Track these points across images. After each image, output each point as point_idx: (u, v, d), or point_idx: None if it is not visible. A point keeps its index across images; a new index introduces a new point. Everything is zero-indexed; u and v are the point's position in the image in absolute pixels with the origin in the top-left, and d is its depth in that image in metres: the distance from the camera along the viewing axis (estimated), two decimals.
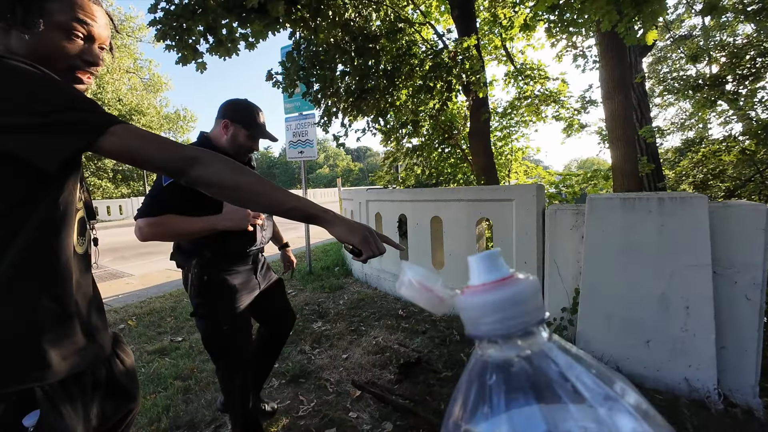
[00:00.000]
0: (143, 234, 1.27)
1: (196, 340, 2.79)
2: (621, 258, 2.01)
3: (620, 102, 4.28)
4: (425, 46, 4.79)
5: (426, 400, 1.87)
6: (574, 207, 2.35)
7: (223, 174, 0.68)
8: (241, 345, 1.48)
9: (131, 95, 22.43)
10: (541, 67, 6.08)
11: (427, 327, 2.80)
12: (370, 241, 0.77)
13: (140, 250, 7.75)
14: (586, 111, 6.75)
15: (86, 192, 0.77)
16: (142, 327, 3.14)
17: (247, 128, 1.43)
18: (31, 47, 0.63)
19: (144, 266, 6.08)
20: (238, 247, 1.45)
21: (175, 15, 2.62)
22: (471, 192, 3.00)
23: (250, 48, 3.17)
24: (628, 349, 2.00)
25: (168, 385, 2.15)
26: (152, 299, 3.98)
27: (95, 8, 0.69)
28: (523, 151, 6.62)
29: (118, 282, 5.00)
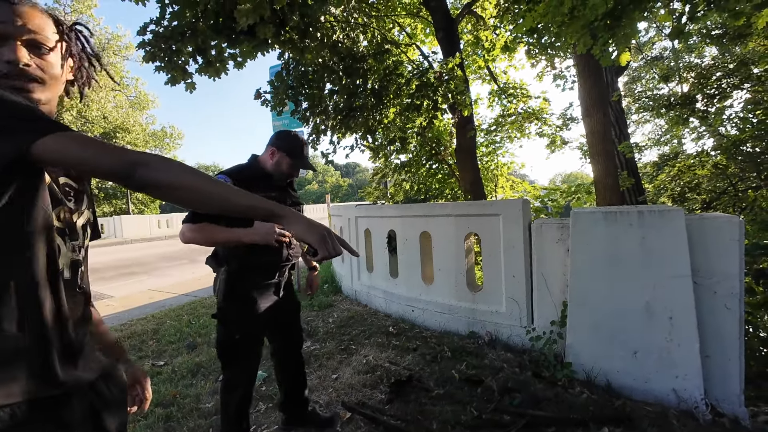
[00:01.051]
0: (184, 237, 1.45)
1: (178, 364, 2.68)
2: (606, 270, 2.06)
3: (599, 119, 4.46)
4: (411, 66, 4.94)
5: (418, 420, 1.84)
6: (559, 221, 2.41)
7: (169, 176, 0.64)
8: (249, 356, 1.54)
9: (116, 113, 22.21)
10: (523, 86, 6.32)
11: (418, 344, 2.77)
12: (327, 241, 0.78)
13: (122, 271, 7.51)
14: (567, 128, 7.02)
15: (69, 213, 0.74)
16: None
17: (291, 158, 1.59)
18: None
19: (126, 287, 5.88)
20: (263, 261, 1.54)
21: (164, 37, 2.65)
22: (459, 207, 3.04)
23: (239, 67, 3.22)
24: (616, 361, 2.01)
25: (148, 413, 2.05)
26: (133, 322, 3.84)
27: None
28: (508, 166, 6.78)
29: (99, 304, 4.80)
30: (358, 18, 4.31)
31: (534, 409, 1.84)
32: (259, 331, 1.57)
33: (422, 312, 3.21)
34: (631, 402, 1.89)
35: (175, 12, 2.62)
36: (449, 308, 3.01)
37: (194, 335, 3.24)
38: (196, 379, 2.45)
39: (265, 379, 2.38)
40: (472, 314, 2.87)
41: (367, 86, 4.20)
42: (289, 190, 1.70)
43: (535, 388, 2.03)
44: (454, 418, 1.83)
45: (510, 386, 2.06)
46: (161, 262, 8.23)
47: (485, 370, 2.29)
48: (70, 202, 0.73)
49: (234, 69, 3.24)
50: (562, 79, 7.13)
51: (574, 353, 2.14)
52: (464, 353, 2.53)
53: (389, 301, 3.56)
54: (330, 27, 3.49)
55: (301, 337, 1.84)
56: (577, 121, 7.21)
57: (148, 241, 14.50)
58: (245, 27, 2.52)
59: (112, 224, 16.19)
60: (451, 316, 2.99)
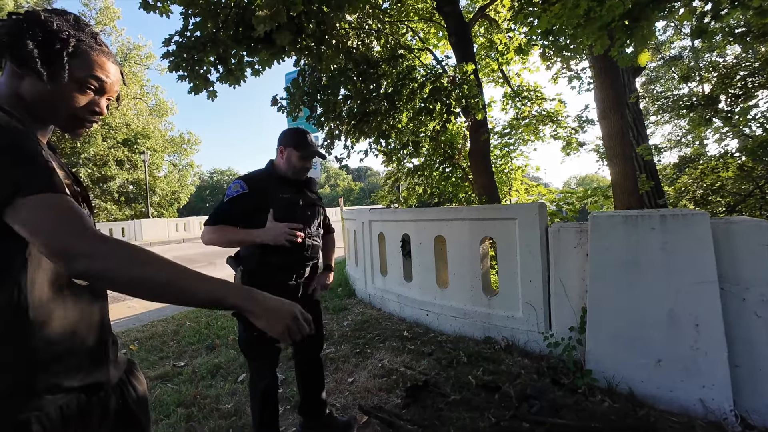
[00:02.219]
0: (205, 239, 1.54)
1: (198, 364, 2.74)
2: (626, 275, 2.01)
3: (616, 121, 4.38)
4: (425, 71, 4.96)
5: (435, 425, 1.83)
6: (577, 225, 2.37)
7: (116, 270, 0.60)
8: (267, 352, 1.59)
9: (138, 120, 22.98)
10: (537, 88, 6.26)
11: (433, 348, 2.76)
12: (292, 330, 0.77)
13: None
14: (583, 130, 6.90)
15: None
16: (144, 352, 3.10)
17: (297, 149, 1.62)
18: (45, 95, 0.69)
19: None
20: (279, 262, 1.58)
21: (187, 47, 2.75)
22: (474, 211, 3.03)
23: (256, 75, 3.30)
24: (639, 369, 1.96)
25: (171, 413, 2.10)
26: (154, 323, 3.94)
27: (111, 66, 0.76)
28: (522, 170, 6.71)
29: (121, 305, 4.95)
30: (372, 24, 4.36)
31: (553, 417, 1.81)
32: None
33: (437, 316, 3.19)
34: (654, 412, 1.84)
35: (197, 23, 2.72)
36: (464, 313, 2.99)
37: (213, 337, 3.31)
38: (215, 380, 2.50)
39: (282, 381, 2.41)
40: (487, 319, 2.84)
41: (380, 91, 4.24)
42: (305, 191, 1.72)
43: (554, 396, 2.00)
44: (472, 424, 1.81)
45: (528, 393, 2.03)
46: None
47: (502, 376, 2.26)
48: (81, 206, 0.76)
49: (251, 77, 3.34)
50: (578, 80, 7.03)
51: (594, 360, 2.10)
52: (480, 358, 2.51)
53: (403, 305, 3.56)
54: (345, 33, 3.55)
55: (320, 339, 1.86)
56: (593, 124, 7.08)
57: (166, 243, 14.88)
58: (262, 34, 2.59)
59: (133, 228, 16.68)
60: (467, 320, 2.97)
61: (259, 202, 1.54)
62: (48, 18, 0.67)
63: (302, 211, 1.64)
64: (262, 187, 1.57)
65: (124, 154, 21.50)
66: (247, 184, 1.54)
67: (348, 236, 5.33)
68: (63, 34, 0.68)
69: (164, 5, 2.87)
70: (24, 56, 0.65)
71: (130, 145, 22.06)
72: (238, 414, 2.03)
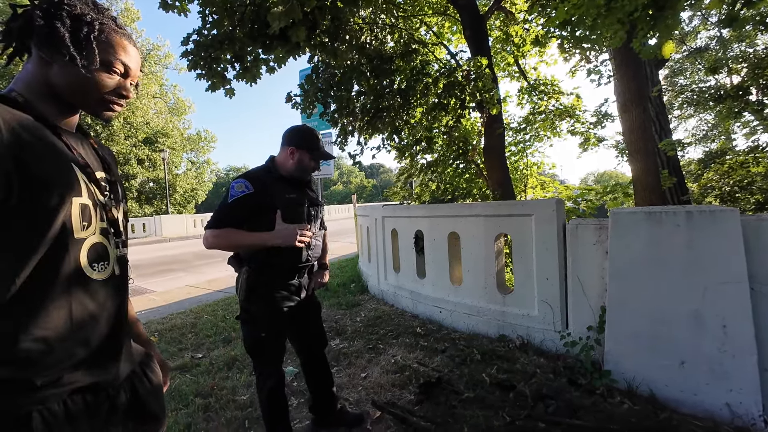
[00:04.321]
0: (208, 243, 1.48)
1: (215, 356, 2.81)
2: (649, 274, 1.95)
3: (638, 115, 4.23)
4: (438, 65, 4.90)
5: (448, 423, 1.82)
6: (597, 221, 2.30)
7: None
8: (274, 352, 1.59)
9: (157, 119, 23.61)
10: (554, 82, 6.10)
11: (446, 345, 2.74)
12: None
13: (162, 268, 7.96)
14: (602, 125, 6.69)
15: (110, 211, 0.76)
16: (164, 343, 3.20)
17: (311, 152, 1.62)
18: (75, 80, 0.69)
19: (166, 283, 6.22)
20: (283, 262, 1.56)
21: (205, 46, 2.79)
22: (489, 207, 2.98)
23: (271, 72, 3.33)
24: (661, 371, 1.90)
25: (189, 402, 2.16)
26: (174, 315, 4.06)
27: (132, 50, 0.77)
28: (538, 166, 6.56)
29: (142, 298, 5.12)
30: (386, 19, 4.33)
31: (570, 418, 1.77)
32: (281, 329, 1.60)
33: (450, 313, 3.17)
34: (677, 415, 1.78)
35: (214, 21, 2.76)
36: (478, 310, 2.96)
37: (229, 330, 3.38)
38: (231, 372, 2.56)
39: (296, 375, 2.45)
40: (502, 317, 2.81)
41: (394, 87, 4.22)
42: (307, 191, 1.70)
43: (571, 396, 1.96)
44: (486, 423, 1.79)
45: (544, 393, 1.99)
46: (197, 260, 8.65)
47: (517, 374, 2.23)
48: (106, 197, 0.76)
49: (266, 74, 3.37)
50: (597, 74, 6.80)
51: (613, 361, 2.04)
52: (494, 357, 2.48)
53: (416, 301, 3.55)
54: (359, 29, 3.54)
55: (323, 337, 1.84)
56: (612, 118, 6.86)
57: (185, 239, 15.28)
58: (277, 30, 2.60)
59: (154, 224, 17.19)
60: (481, 318, 2.94)
61: (263, 201, 1.50)
62: (72, 2, 0.68)
63: (308, 212, 1.63)
64: (265, 186, 1.52)
65: (145, 152, 22.14)
66: (251, 184, 1.49)
67: (361, 233, 5.35)
68: (88, 18, 0.68)
69: (182, 4, 2.92)
70: (55, 41, 0.65)
71: (151, 144, 22.71)
72: (253, 405, 2.07)
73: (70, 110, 0.75)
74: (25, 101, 0.67)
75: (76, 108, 0.75)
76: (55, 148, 0.67)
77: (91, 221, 0.70)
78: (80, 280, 0.67)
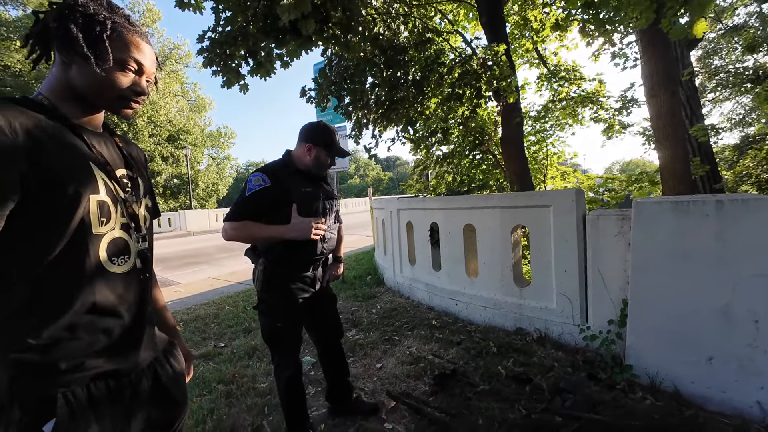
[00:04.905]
0: (227, 234, 1.53)
1: (237, 346, 2.91)
2: (674, 267, 1.86)
3: (666, 99, 4.00)
4: (454, 54, 4.79)
5: (463, 414, 1.82)
6: (619, 212, 2.22)
7: None
8: (291, 341, 1.62)
9: (180, 116, 24.32)
10: (576, 68, 5.85)
11: (462, 338, 2.74)
12: None
13: (187, 260, 8.27)
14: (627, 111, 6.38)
15: (131, 206, 0.78)
16: (188, 332, 3.33)
17: (328, 149, 1.64)
18: (92, 79, 0.71)
19: (190, 275, 6.47)
20: (299, 255, 1.59)
21: (219, 42, 2.84)
22: (505, 198, 2.92)
23: (285, 67, 3.35)
24: (686, 367, 1.83)
25: (212, 389, 2.26)
26: (197, 306, 4.22)
27: (146, 47, 0.78)
28: (559, 156, 6.35)
29: (168, 290, 5.35)
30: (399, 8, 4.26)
31: (589, 412, 1.74)
32: (297, 319, 1.64)
33: (466, 306, 3.15)
34: (704, 413, 1.71)
35: (228, 17, 2.79)
36: (494, 303, 2.92)
37: (249, 320, 3.49)
38: (252, 360, 2.64)
39: (313, 365, 2.50)
40: (519, 310, 2.76)
41: (408, 78, 4.16)
42: (322, 184, 1.72)
43: (590, 390, 1.91)
44: (501, 415, 1.78)
45: (561, 386, 1.96)
46: (219, 253, 8.92)
47: (534, 368, 2.20)
48: (127, 193, 0.78)
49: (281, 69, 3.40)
50: (623, 57, 6.49)
51: (635, 355, 1.98)
52: (511, 349, 2.45)
53: (432, 294, 3.54)
54: (371, 19, 3.50)
55: (339, 327, 1.86)
56: (638, 104, 6.53)
57: (207, 233, 15.78)
58: (287, 23, 2.60)
59: (178, 218, 17.83)
60: (497, 311, 2.90)
61: (280, 195, 1.53)
62: (85, 2, 0.70)
63: (323, 205, 1.65)
64: (282, 180, 1.55)
65: (168, 150, 22.90)
66: (268, 178, 1.52)
67: (376, 225, 5.36)
68: (100, 17, 0.70)
69: (197, 2, 2.97)
70: (70, 42, 0.68)
71: (173, 141, 23.44)
72: (272, 393, 2.14)
73: (93, 110, 0.77)
74: (50, 104, 0.70)
75: (98, 107, 0.77)
76: (72, 147, 0.69)
77: (110, 217, 0.72)
78: (100, 273, 0.70)
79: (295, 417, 1.66)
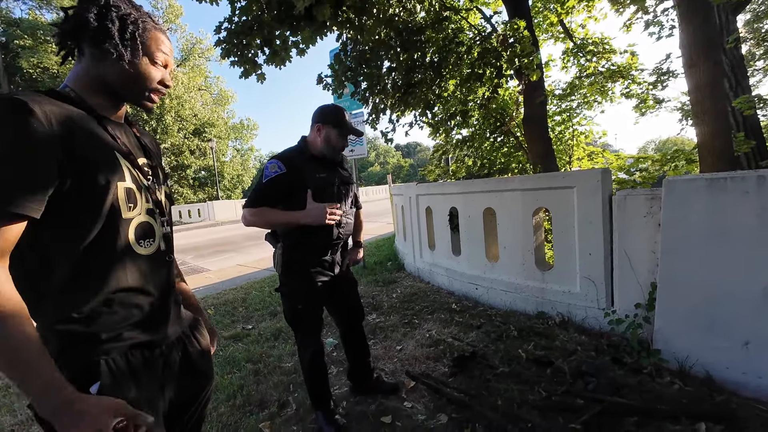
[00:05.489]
0: (246, 221, 1.58)
1: (263, 328, 3.05)
2: (708, 248, 1.76)
3: (707, 70, 3.69)
4: (473, 33, 4.62)
5: (482, 395, 1.83)
6: (648, 191, 2.11)
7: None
8: (311, 322, 1.67)
9: (204, 110, 25.02)
10: (605, 40, 5.49)
11: (482, 321, 2.73)
12: None
13: (216, 248, 8.64)
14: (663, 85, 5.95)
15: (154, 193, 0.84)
16: (219, 315, 3.52)
17: (336, 127, 1.63)
18: (127, 73, 0.77)
19: (220, 262, 6.77)
20: (315, 240, 1.62)
21: (236, 33, 2.88)
22: (527, 181, 2.84)
23: (301, 54, 3.35)
24: (719, 352, 1.75)
25: (241, 367, 2.39)
26: (227, 291, 4.43)
27: (169, 43, 0.84)
28: (586, 136, 6.06)
29: (199, 276, 5.64)
30: None
31: (612, 396, 1.71)
32: (317, 302, 1.68)
33: (486, 290, 3.13)
34: (737, 398, 1.64)
35: (243, 7, 2.81)
36: (515, 287, 2.89)
37: (275, 304, 3.63)
38: (278, 342, 2.77)
39: (335, 346, 2.59)
40: (541, 294, 2.72)
41: (425, 60, 4.06)
42: (338, 170, 1.72)
43: (614, 374, 1.87)
44: (521, 396, 1.79)
45: (584, 369, 1.93)
46: (246, 241, 9.25)
47: (555, 351, 2.17)
48: (149, 180, 0.83)
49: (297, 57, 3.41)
50: (657, 26, 6.02)
51: (663, 339, 1.91)
52: (532, 333, 2.43)
53: (452, 278, 3.54)
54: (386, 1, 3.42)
55: (360, 311, 1.90)
56: (675, 75, 6.08)
57: (234, 222, 16.37)
58: (302, 10, 2.59)
59: (206, 208, 18.59)
60: (518, 295, 2.87)
61: (295, 181, 1.55)
62: (116, 4, 0.75)
63: (338, 190, 1.66)
64: (297, 166, 1.57)
65: (195, 143, 23.71)
66: (283, 164, 1.55)
67: (396, 212, 5.37)
68: (132, 17, 0.76)
69: None
70: (108, 39, 0.73)
71: (199, 134, 24.22)
72: (297, 372, 2.24)
73: (119, 102, 0.82)
74: (76, 95, 0.75)
75: (124, 99, 0.83)
76: (100, 137, 0.74)
77: (136, 203, 0.78)
78: (130, 254, 0.76)
79: (318, 394, 1.73)
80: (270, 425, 1.79)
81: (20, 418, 2.02)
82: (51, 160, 0.64)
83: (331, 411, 1.75)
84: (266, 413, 1.89)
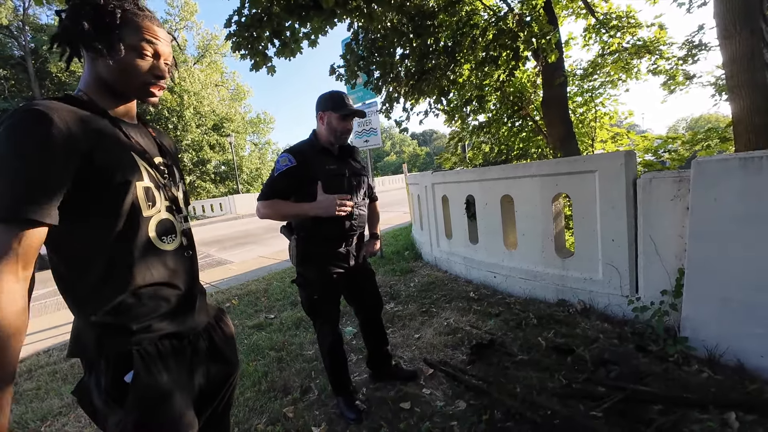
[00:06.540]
0: (260, 213, 1.61)
1: (285, 317, 3.14)
2: (742, 232, 1.67)
3: (744, 39, 3.42)
4: (488, 14, 4.45)
5: (500, 382, 1.84)
6: (675, 173, 2.01)
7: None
8: (329, 312, 1.71)
9: (222, 106, 25.49)
10: (630, 13, 5.17)
11: (500, 309, 2.71)
12: None
13: (238, 241, 8.91)
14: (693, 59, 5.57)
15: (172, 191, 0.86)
16: (242, 306, 3.65)
17: (335, 110, 1.61)
18: (115, 69, 0.76)
19: (242, 255, 6.98)
20: (327, 231, 1.65)
21: (245, 25, 2.89)
22: (545, 166, 2.76)
23: (312, 45, 3.34)
24: (752, 339, 1.67)
25: (265, 355, 2.49)
26: (249, 282, 4.58)
27: (157, 29, 0.80)
28: (611, 117, 5.78)
29: (223, 268, 5.84)
30: None
31: (636, 384, 1.67)
32: (333, 293, 1.70)
33: (505, 278, 3.10)
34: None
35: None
36: (535, 275, 2.84)
37: (295, 294, 3.73)
38: (299, 330, 2.85)
39: (354, 334, 2.64)
40: (561, 281, 2.67)
41: (438, 45, 3.96)
42: (349, 161, 1.72)
43: (638, 362, 1.83)
44: (540, 384, 1.78)
45: (606, 357, 1.89)
46: (266, 234, 9.48)
47: (576, 339, 2.14)
48: (165, 179, 0.85)
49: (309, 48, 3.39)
50: None
51: (691, 327, 1.85)
52: (552, 321, 2.39)
53: (469, 267, 3.52)
54: None
55: (378, 300, 1.92)
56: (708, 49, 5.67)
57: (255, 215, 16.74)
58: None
59: (228, 202, 19.10)
60: (537, 282, 2.82)
61: (306, 173, 1.57)
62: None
63: (348, 182, 1.66)
64: (308, 159, 1.59)
65: (214, 138, 24.26)
66: (294, 157, 1.57)
67: (412, 201, 5.35)
68: (109, 7, 0.73)
69: None
70: (82, 37, 0.72)
71: (218, 130, 24.75)
72: (318, 359, 2.31)
73: (123, 99, 0.82)
74: (88, 99, 0.76)
75: (127, 96, 0.82)
76: (115, 138, 0.76)
77: (155, 201, 0.80)
78: (153, 250, 0.80)
79: (338, 380, 1.78)
80: (293, 410, 1.86)
81: (66, 401, 2.19)
82: (69, 168, 0.66)
83: (351, 397, 1.81)
84: (289, 398, 1.97)
